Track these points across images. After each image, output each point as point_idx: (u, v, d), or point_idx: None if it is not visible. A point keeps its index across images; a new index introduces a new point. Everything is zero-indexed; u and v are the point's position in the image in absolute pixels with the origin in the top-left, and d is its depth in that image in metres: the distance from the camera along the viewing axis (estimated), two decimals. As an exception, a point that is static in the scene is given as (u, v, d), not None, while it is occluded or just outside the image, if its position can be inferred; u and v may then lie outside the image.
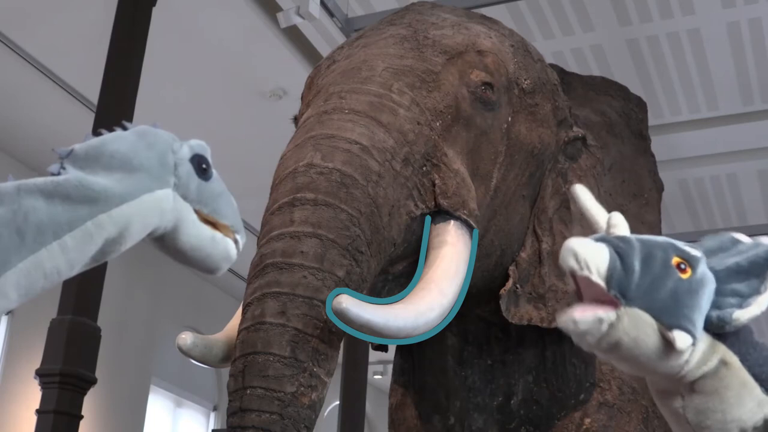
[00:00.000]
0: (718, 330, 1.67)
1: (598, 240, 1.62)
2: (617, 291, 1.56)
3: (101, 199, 1.45)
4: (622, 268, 1.57)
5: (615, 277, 1.56)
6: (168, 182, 1.54)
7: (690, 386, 1.67)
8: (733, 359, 1.67)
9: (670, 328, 1.58)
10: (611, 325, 1.57)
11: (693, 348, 1.63)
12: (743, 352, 1.68)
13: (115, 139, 1.54)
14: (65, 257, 1.42)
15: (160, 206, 1.52)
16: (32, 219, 1.39)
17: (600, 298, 1.58)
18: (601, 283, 1.56)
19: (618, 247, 1.60)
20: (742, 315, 1.65)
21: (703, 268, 1.65)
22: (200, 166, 1.59)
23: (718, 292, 1.66)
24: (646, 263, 1.60)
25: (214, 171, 1.64)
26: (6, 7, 6.26)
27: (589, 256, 1.57)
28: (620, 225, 1.70)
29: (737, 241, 1.78)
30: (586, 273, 1.56)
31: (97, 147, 1.52)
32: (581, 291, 1.61)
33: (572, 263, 1.57)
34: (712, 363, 1.65)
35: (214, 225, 1.63)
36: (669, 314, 1.58)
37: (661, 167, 3.57)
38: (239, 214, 1.69)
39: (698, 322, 1.62)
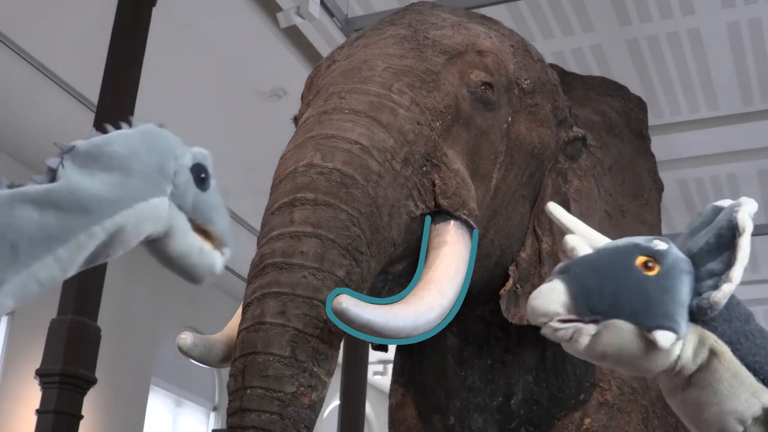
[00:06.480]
0: (702, 317, 1.65)
1: (554, 275, 1.67)
2: (589, 313, 1.61)
3: (94, 209, 1.43)
4: (581, 290, 1.62)
5: (580, 303, 1.61)
6: (164, 190, 1.50)
7: (687, 380, 1.66)
8: (723, 348, 1.65)
9: (650, 329, 1.59)
10: (592, 338, 1.61)
11: (681, 342, 1.63)
12: (734, 341, 1.66)
13: (118, 139, 1.51)
14: (59, 266, 1.42)
15: (154, 214, 1.49)
16: (25, 233, 1.38)
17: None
18: (573, 316, 1.62)
19: (571, 272, 1.65)
20: (719, 296, 1.63)
21: (671, 260, 1.64)
22: (199, 175, 1.57)
23: (697, 278, 1.66)
24: (604, 274, 1.63)
25: (212, 181, 1.61)
26: (6, 7, 6.26)
27: (548, 302, 1.63)
28: (577, 246, 1.72)
29: (718, 210, 1.77)
30: (556, 320, 1.62)
31: (99, 146, 1.49)
32: None
33: (540, 319, 1.64)
34: (703, 354, 1.65)
35: (205, 235, 1.60)
36: (645, 316, 1.60)
37: (661, 167, 3.57)
38: (231, 228, 1.67)
39: (678, 315, 1.61)
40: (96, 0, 5.97)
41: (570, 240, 1.74)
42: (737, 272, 1.63)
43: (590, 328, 1.60)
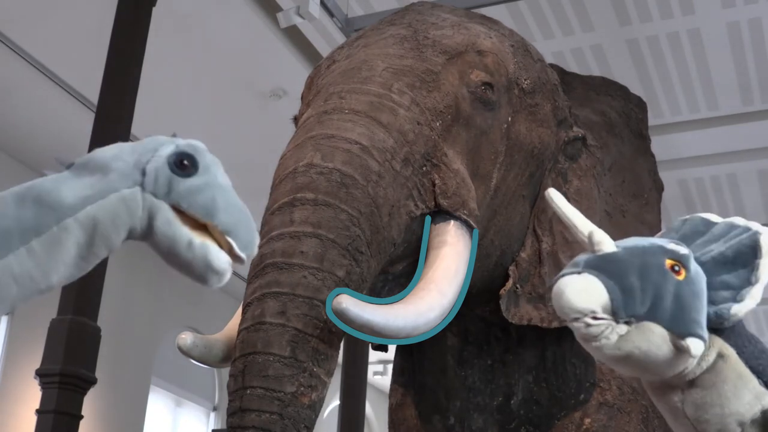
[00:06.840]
0: (715, 326, 1.66)
1: (584, 268, 1.60)
2: (626, 315, 1.57)
3: (68, 203, 1.43)
4: (622, 291, 1.57)
5: (620, 306, 1.56)
6: (136, 180, 1.48)
7: (689, 381, 1.66)
8: (730, 351, 1.67)
9: (683, 336, 1.58)
10: (620, 338, 1.58)
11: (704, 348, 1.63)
12: (739, 344, 1.68)
13: (110, 147, 1.53)
14: (34, 262, 1.41)
15: (126, 204, 1.46)
16: (1, 225, 1.39)
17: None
18: (609, 317, 1.56)
19: (610, 272, 1.59)
20: (740, 310, 1.64)
21: (694, 265, 1.65)
22: (180, 161, 1.50)
23: (709, 286, 1.66)
24: (643, 275, 1.59)
25: (208, 169, 1.53)
26: (6, 7, 6.26)
27: (586, 299, 1.57)
28: (604, 241, 1.65)
29: (710, 223, 1.77)
30: (590, 317, 1.56)
31: (90, 155, 1.51)
32: None
33: (572, 315, 1.58)
34: (711, 357, 1.65)
35: (203, 229, 1.52)
36: (679, 322, 1.58)
37: (661, 167, 3.57)
38: (244, 216, 1.55)
39: (704, 322, 1.62)
40: (96, 0, 5.97)
41: (596, 234, 1.67)
42: (759, 291, 1.65)
43: (621, 328, 1.57)
